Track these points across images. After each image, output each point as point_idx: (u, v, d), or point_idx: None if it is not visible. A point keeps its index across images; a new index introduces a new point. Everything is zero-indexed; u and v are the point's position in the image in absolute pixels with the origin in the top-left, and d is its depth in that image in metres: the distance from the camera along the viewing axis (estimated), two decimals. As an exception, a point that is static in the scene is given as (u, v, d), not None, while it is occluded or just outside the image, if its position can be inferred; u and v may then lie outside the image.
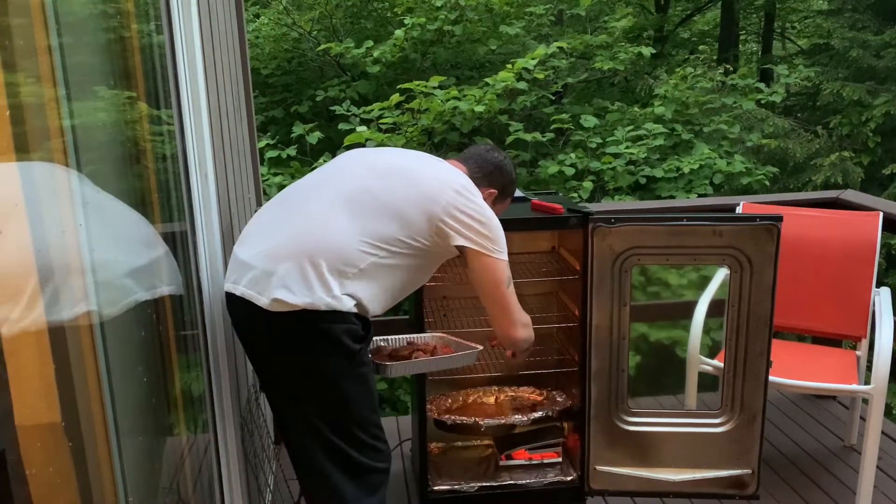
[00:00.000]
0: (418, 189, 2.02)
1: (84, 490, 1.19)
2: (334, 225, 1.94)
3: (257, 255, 1.94)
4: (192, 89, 1.91)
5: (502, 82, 7.02)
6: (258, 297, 1.89)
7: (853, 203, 3.35)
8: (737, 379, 2.54)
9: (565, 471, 2.75)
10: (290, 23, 9.79)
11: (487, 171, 2.24)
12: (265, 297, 1.88)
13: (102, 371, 1.27)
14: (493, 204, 2.23)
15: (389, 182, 2.03)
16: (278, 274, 1.88)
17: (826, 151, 8.70)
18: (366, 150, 2.27)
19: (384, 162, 2.15)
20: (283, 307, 1.87)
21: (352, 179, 2.06)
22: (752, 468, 2.57)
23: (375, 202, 1.98)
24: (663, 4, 12.81)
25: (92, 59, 1.43)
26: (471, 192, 2.08)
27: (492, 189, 2.25)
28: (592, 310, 2.52)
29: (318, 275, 1.88)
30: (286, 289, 1.87)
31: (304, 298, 1.87)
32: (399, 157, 2.20)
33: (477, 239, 2.03)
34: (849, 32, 9.61)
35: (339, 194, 2.00)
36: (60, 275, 1.14)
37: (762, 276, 2.46)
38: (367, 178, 2.05)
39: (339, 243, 1.92)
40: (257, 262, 1.92)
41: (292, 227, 1.97)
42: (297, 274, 1.87)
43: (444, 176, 2.09)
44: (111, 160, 1.51)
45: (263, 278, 1.89)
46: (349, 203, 1.98)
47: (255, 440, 2.46)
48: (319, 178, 2.13)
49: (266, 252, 1.93)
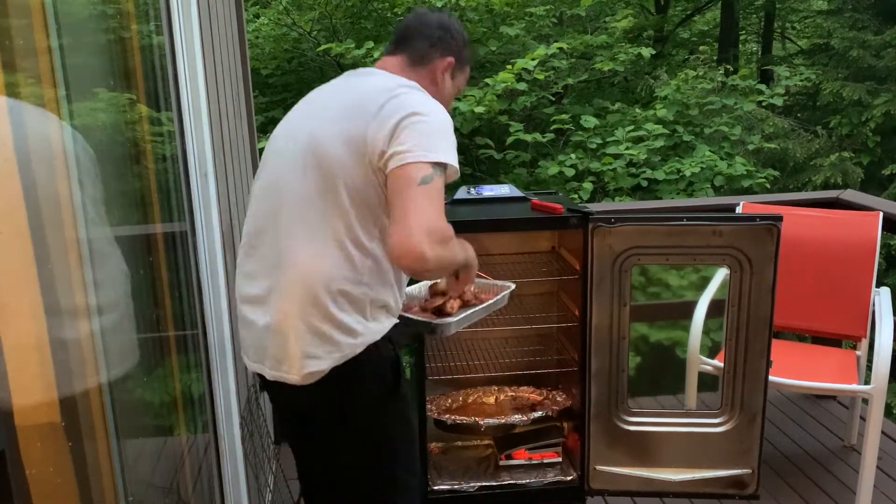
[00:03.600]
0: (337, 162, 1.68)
1: (84, 490, 1.19)
2: (309, 255, 1.69)
3: (264, 327, 1.74)
4: (192, 90, 1.91)
5: (502, 83, 7.03)
6: (287, 377, 1.72)
7: (853, 203, 3.36)
8: (737, 379, 2.54)
9: (565, 471, 2.75)
10: (290, 23, 9.80)
11: (433, 41, 1.86)
12: (294, 373, 1.71)
13: (102, 371, 1.27)
14: (452, 78, 1.91)
15: (311, 175, 1.71)
16: (294, 346, 1.69)
17: (826, 151, 8.71)
18: (277, 134, 1.85)
19: (293, 148, 1.77)
20: (316, 377, 1.70)
21: (287, 189, 1.74)
22: (752, 468, 2.57)
23: (318, 206, 1.69)
24: (663, 5, 12.81)
25: (92, 59, 1.43)
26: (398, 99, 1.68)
27: (446, 58, 1.88)
28: (592, 310, 2.52)
29: (332, 322, 1.68)
30: (311, 358, 1.68)
31: (333, 355, 1.68)
32: (303, 132, 1.76)
33: (411, 150, 1.63)
34: (849, 32, 9.62)
35: (288, 214, 1.73)
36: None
37: (762, 276, 2.46)
38: (295, 181, 1.73)
39: (326, 273, 1.67)
40: (268, 340, 1.74)
41: (278, 278, 1.72)
42: (311, 335, 1.68)
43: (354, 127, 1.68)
44: (111, 160, 1.51)
45: (282, 355, 1.72)
46: (300, 220, 1.71)
47: (255, 440, 2.46)
48: (268, 192, 1.81)
49: (269, 323, 1.73)
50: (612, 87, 9.90)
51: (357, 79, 1.85)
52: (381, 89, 1.73)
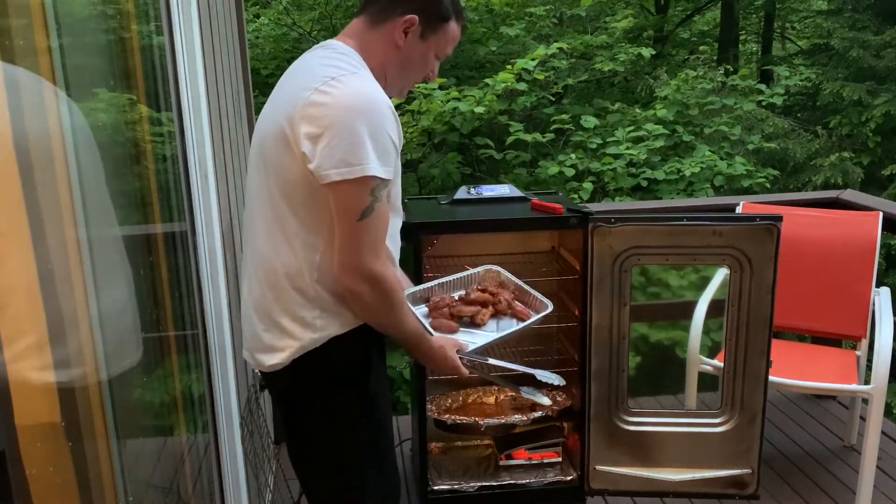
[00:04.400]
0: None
1: (84, 490, 1.19)
2: (266, 250, 1.68)
3: (242, 320, 1.81)
4: (192, 90, 1.91)
5: (502, 83, 7.03)
6: (257, 368, 1.77)
7: (853, 203, 3.36)
8: (737, 379, 2.54)
9: (565, 470, 2.75)
10: (290, 23, 9.80)
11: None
12: (261, 363, 1.74)
13: (102, 370, 1.27)
14: (422, 38, 1.69)
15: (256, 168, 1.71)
16: (258, 337, 1.72)
17: (826, 151, 8.71)
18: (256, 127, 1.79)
19: (254, 140, 1.75)
20: (276, 368, 1.70)
21: (250, 183, 1.75)
22: (752, 468, 2.57)
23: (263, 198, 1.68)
24: (663, 5, 12.81)
25: (92, 59, 1.43)
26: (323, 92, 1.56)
27: (406, 15, 1.66)
28: (592, 310, 2.52)
29: (290, 315, 1.67)
30: (272, 350, 1.70)
31: (292, 347, 1.67)
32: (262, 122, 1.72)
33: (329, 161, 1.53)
34: (849, 32, 9.62)
35: (251, 209, 1.75)
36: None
37: (762, 276, 2.46)
38: (253, 175, 1.73)
39: (281, 268, 1.66)
40: (245, 331, 1.80)
41: (247, 272, 1.76)
42: (273, 328, 1.69)
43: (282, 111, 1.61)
44: (112, 161, 1.51)
45: (252, 345, 1.77)
46: (259, 216, 1.71)
47: (255, 440, 2.46)
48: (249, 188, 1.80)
49: (242, 316, 1.80)
50: (612, 88, 9.90)
51: (311, 55, 1.73)
52: (317, 74, 1.60)
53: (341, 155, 1.52)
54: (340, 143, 1.52)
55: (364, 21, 1.71)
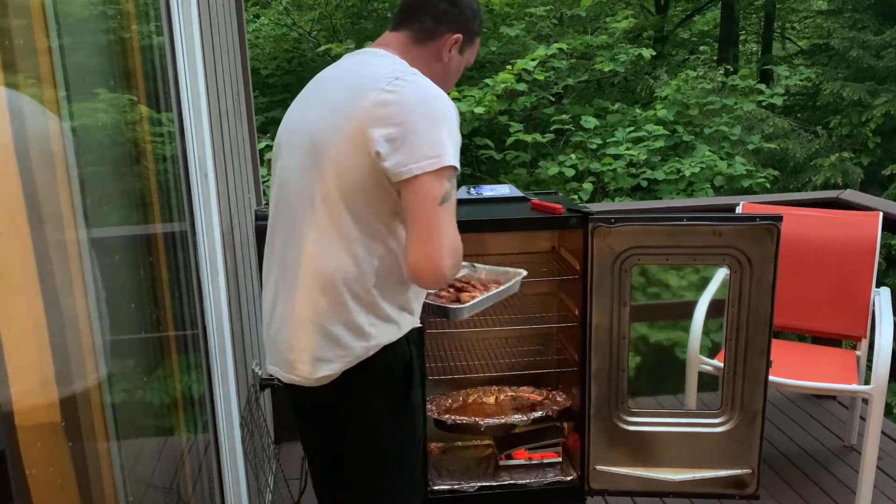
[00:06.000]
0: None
1: (84, 490, 1.19)
2: (317, 255, 1.65)
3: (276, 330, 1.74)
4: (193, 90, 1.91)
5: (502, 83, 7.03)
6: (298, 380, 1.71)
7: (853, 203, 3.36)
8: (737, 379, 2.54)
9: (565, 471, 2.75)
10: (290, 23, 9.81)
11: (439, 16, 1.73)
12: (306, 376, 1.69)
13: (102, 370, 1.27)
14: (460, 52, 1.80)
15: (310, 170, 1.66)
16: (305, 349, 1.67)
17: (826, 152, 8.71)
18: (283, 125, 1.79)
19: (296, 141, 1.71)
20: (326, 380, 1.68)
21: (292, 185, 1.70)
22: (752, 468, 2.57)
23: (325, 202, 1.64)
24: (663, 5, 12.81)
25: (92, 60, 1.43)
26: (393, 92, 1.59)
27: (454, 34, 1.76)
28: (592, 310, 2.52)
29: (343, 324, 1.65)
30: (322, 361, 1.66)
31: (345, 359, 1.65)
32: (306, 126, 1.70)
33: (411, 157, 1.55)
34: (849, 32, 9.62)
35: (294, 212, 1.69)
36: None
37: (762, 276, 2.46)
38: (298, 178, 1.68)
39: (335, 274, 1.63)
40: (281, 342, 1.73)
41: (287, 279, 1.70)
42: (322, 338, 1.65)
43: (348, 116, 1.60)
44: (112, 161, 1.51)
45: (293, 357, 1.71)
46: (306, 219, 1.67)
47: (255, 440, 2.46)
48: (276, 195, 1.77)
49: (280, 326, 1.72)
50: (613, 88, 9.91)
51: (356, 60, 1.76)
52: (381, 74, 1.62)
53: (422, 149, 1.55)
54: (420, 139, 1.55)
55: (407, 37, 1.75)
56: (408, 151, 1.55)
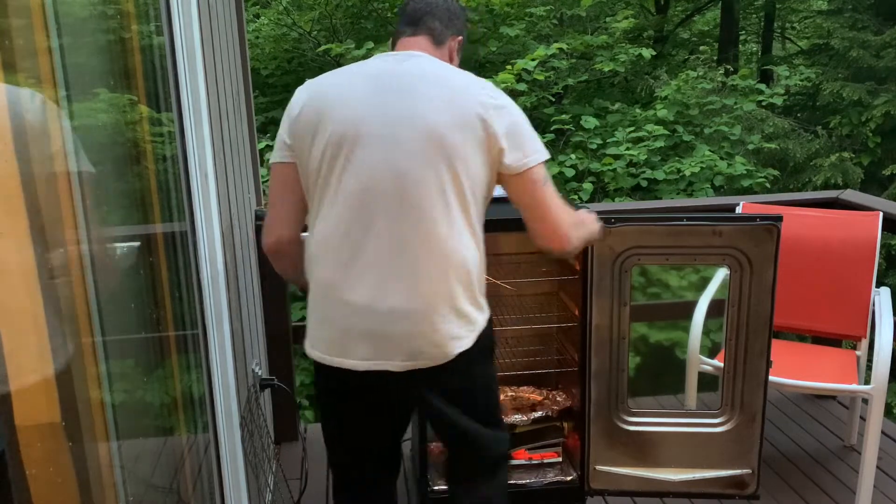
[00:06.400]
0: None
1: (84, 490, 1.19)
2: (449, 241, 1.77)
3: (392, 320, 1.77)
4: (193, 90, 1.91)
5: (502, 83, 7.03)
6: (423, 363, 1.80)
7: (853, 203, 3.36)
8: (737, 379, 2.54)
9: (565, 471, 2.75)
10: (291, 23, 9.81)
11: (444, 20, 1.90)
12: (439, 358, 1.81)
13: (102, 370, 1.27)
14: (458, 55, 1.96)
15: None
16: (440, 330, 1.78)
17: (826, 152, 8.71)
18: (352, 119, 1.77)
19: (407, 134, 1.74)
20: (452, 355, 1.82)
21: (409, 175, 1.74)
22: (752, 468, 2.57)
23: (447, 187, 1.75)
24: (663, 5, 12.81)
25: (92, 60, 1.43)
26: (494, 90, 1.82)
27: (457, 37, 1.94)
28: (592, 310, 2.52)
29: (473, 304, 1.84)
30: (456, 339, 1.80)
31: (473, 334, 1.84)
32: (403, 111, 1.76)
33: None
34: (849, 32, 9.61)
35: (415, 202, 1.74)
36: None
37: (762, 277, 2.46)
38: (417, 167, 1.73)
39: (465, 258, 1.80)
40: (398, 332, 1.77)
41: (415, 266, 1.76)
42: (457, 318, 1.80)
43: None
44: (112, 161, 1.51)
45: (421, 343, 1.79)
46: (433, 207, 1.75)
47: (255, 440, 2.46)
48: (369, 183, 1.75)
49: (408, 312, 1.77)
50: (613, 88, 9.90)
51: (424, 61, 1.83)
52: (471, 79, 1.81)
53: (532, 144, 1.81)
54: (528, 134, 1.81)
55: (427, 41, 1.90)
56: (522, 146, 1.79)
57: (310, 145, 1.78)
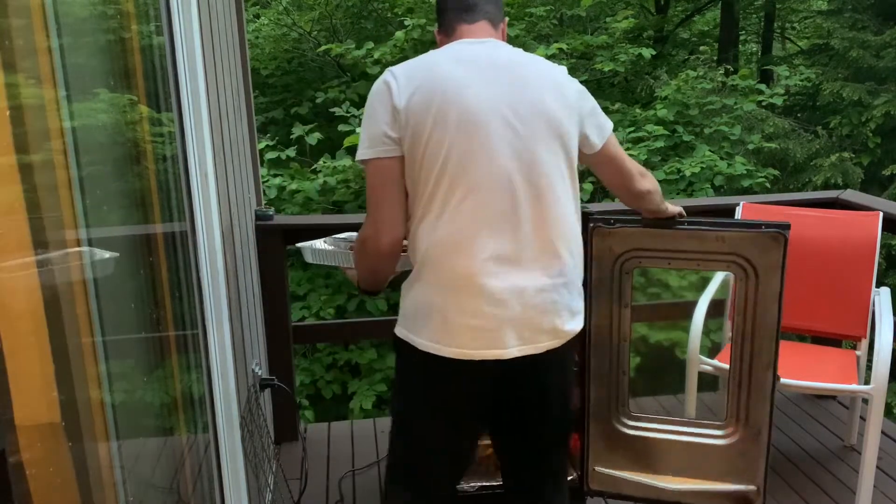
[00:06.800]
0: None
1: (84, 490, 1.19)
2: (570, 222, 1.89)
3: (533, 304, 1.81)
4: (193, 90, 1.91)
5: (502, 83, 7.00)
6: (557, 343, 1.90)
7: (853, 203, 3.35)
8: (741, 391, 2.46)
9: (565, 471, 2.75)
10: (290, 23, 9.80)
11: (494, 2, 1.96)
12: (563, 336, 1.90)
13: (102, 369, 1.27)
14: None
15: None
16: (565, 308, 1.88)
17: (826, 152, 8.71)
18: (460, 106, 1.74)
19: (531, 120, 1.80)
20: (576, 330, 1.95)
21: (539, 160, 1.80)
22: (758, 485, 2.47)
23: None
24: (663, 5, 12.80)
25: (92, 60, 1.43)
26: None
27: (506, 18, 2.03)
28: (591, 310, 2.50)
29: (579, 277, 1.94)
30: (577, 313, 1.93)
31: (583, 308, 1.96)
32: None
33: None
34: (849, 32, 9.61)
35: (548, 186, 1.82)
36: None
37: (768, 285, 2.37)
38: (546, 152, 1.83)
39: (579, 238, 1.94)
40: (537, 313, 1.83)
41: (548, 249, 1.83)
42: (577, 294, 1.93)
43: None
44: (112, 161, 1.51)
45: (553, 321, 1.86)
46: (562, 190, 1.88)
47: (255, 440, 2.46)
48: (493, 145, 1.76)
49: (544, 293, 1.83)
50: (613, 88, 9.89)
51: (508, 49, 1.89)
52: (553, 64, 1.92)
53: (605, 118, 1.98)
54: (601, 111, 1.98)
55: (488, 25, 1.92)
56: (601, 124, 1.96)
57: (424, 138, 1.71)
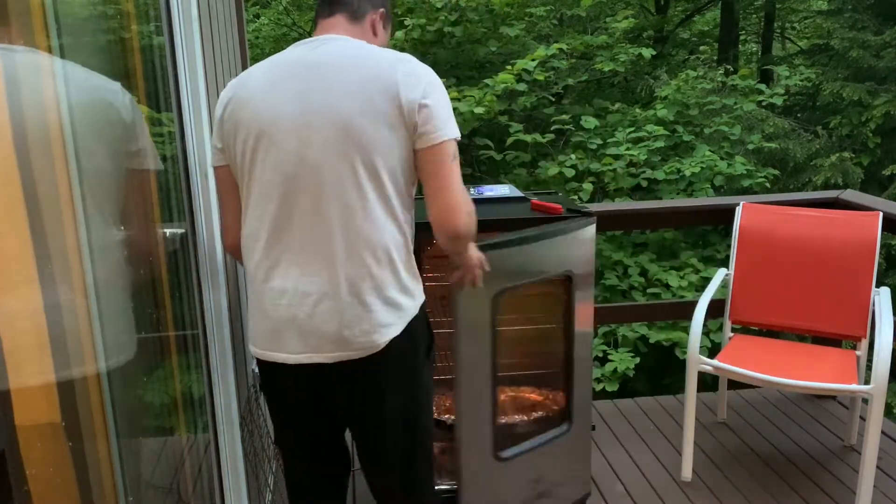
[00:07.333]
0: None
1: (84, 490, 1.19)
2: (371, 230, 1.76)
3: (320, 313, 1.76)
4: (193, 90, 1.91)
5: (502, 83, 7.03)
6: (351, 354, 1.78)
7: (853, 203, 3.36)
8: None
9: (565, 471, 2.75)
10: (290, 23, 9.80)
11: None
12: (367, 349, 1.78)
13: (102, 370, 1.27)
14: (383, 29, 1.94)
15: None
16: (367, 320, 1.77)
17: (826, 152, 8.70)
18: (265, 116, 1.76)
19: (317, 124, 1.73)
20: (381, 346, 1.80)
21: (323, 167, 1.73)
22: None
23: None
24: (663, 5, 12.80)
25: (92, 60, 1.43)
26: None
27: (378, 9, 1.91)
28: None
29: (401, 289, 1.80)
30: (385, 327, 1.78)
31: (403, 320, 1.81)
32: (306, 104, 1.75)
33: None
34: (849, 32, 9.61)
35: (333, 193, 1.74)
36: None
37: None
38: (331, 159, 1.72)
39: (389, 245, 1.77)
40: (325, 323, 1.77)
41: (338, 257, 1.75)
42: (385, 306, 1.78)
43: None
44: (111, 161, 1.51)
45: (347, 334, 1.77)
46: (351, 197, 1.75)
47: (255, 440, 2.46)
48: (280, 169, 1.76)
49: (334, 305, 1.76)
50: (613, 88, 9.90)
51: (334, 46, 1.80)
52: (386, 58, 1.75)
53: (446, 118, 1.76)
54: (444, 107, 1.76)
55: (344, 19, 1.86)
56: (436, 120, 1.73)
57: (233, 146, 1.81)
